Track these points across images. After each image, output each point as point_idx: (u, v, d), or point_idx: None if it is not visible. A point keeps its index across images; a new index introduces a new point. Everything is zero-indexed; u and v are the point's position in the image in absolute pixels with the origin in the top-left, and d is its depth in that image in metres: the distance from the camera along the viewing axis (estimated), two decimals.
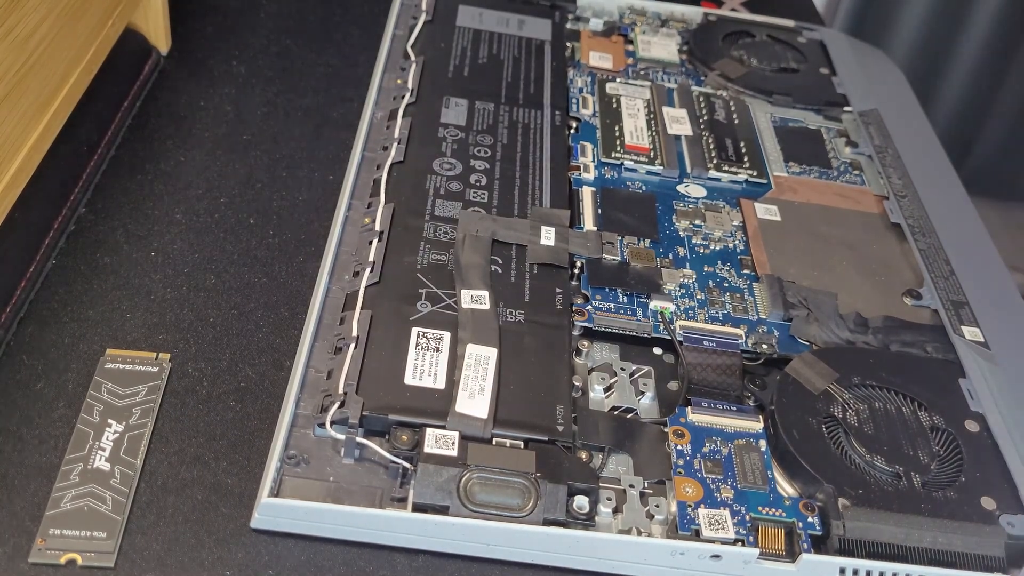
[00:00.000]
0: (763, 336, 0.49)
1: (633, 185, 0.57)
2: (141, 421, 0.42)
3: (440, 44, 0.65)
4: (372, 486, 0.40)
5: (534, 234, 0.51)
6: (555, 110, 0.61)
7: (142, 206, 0.53)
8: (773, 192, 0.59)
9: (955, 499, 0.42)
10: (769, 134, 0.63)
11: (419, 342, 0.44)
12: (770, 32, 0.72)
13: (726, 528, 0.40)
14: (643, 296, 0.50)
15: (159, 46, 0.63)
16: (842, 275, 0.53)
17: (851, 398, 0.45)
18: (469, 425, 0.41)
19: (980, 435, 0.45)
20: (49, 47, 0.48)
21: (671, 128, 0.62)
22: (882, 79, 0.71)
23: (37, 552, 0.37)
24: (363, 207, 0.52)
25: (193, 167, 0.56)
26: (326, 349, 0.45)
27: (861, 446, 0.43)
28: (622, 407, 0.45)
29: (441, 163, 0.55)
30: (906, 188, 0.59)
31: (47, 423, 0.42)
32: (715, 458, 0.42)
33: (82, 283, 0.48)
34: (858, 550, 0.40)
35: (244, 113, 0.61)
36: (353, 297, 0.46)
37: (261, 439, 0.43)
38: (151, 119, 0.59)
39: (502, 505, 0.39)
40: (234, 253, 0.51)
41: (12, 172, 0.45)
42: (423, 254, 0.49)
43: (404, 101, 0.58)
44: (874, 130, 0.64)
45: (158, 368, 0.44)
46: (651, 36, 0.71)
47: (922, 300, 0.52)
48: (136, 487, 0.40)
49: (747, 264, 0.53)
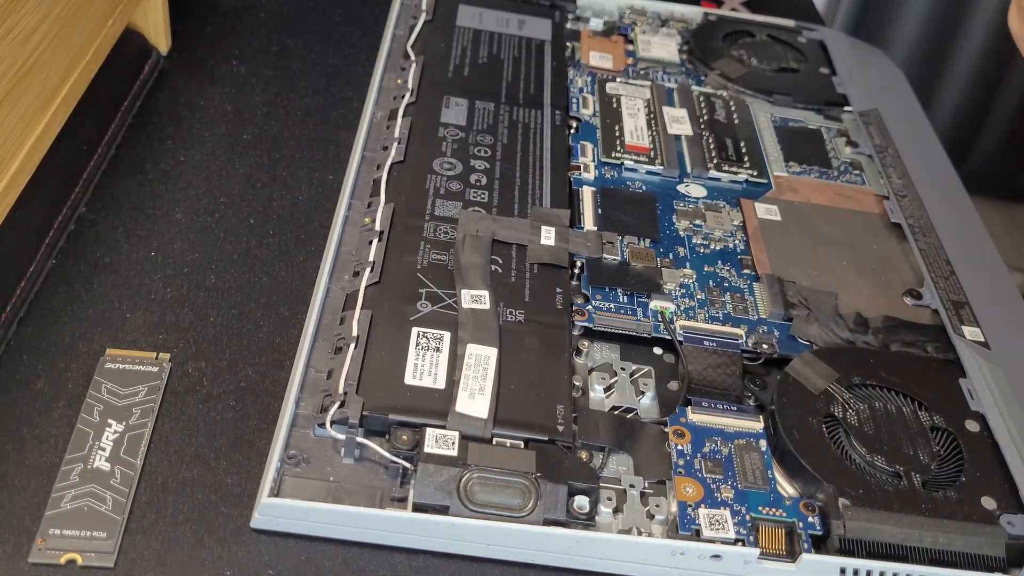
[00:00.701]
0: (763, 336, 0.49)
1: (633, 185, 0.57)
2: (141, 421, 0.42)
3: (440, 44, 0.65)
4: (372, 486, 0.40)
5: (534, 234, 0.51)
6: (555, 110, 0.61)
7: (142, 206, 0.53)
8: (773, 192, 0.59)
9: (955, 499, 0.42)
10: (769, 134, 0.63)
11: (419, 342, 0.44)
12: (770, 32, 0.72)
13: (726, 528, 0.40)
14: (643, 296, 0.50)
15: (159, 46, 0.63)
16: (842, 275, 0.53)
17: (851, 398, 0.45)
18: (469, 425, 0.41)
19: (980, 435, 0.45)
20: (49, 47, 0.48)
21: (671, 128, 0.62)
22: (882, 79, 0.71)
23: (37, 552, 0.37)
24: (363, 207, 0.52)
25: (193, 167, 0.56)
26: (326, 349, 0.45)
27: (861, 446, 0.43)
28: (622, 407, 0.45)
29: (441, 163, 0.55)
30: (906, 188, 0.59)
31: (47, 423, 0.42)
32: (715, 458, 0.42)
33: (82, 283, 0.48)
34: (858, 550, 0.40)
35: (244, 113, 0.61)
36: (353, 297, 0.46)
37: (261, 439, 0.43)
38: (151, 119, 0.59)
39: (502, 505, 0.39)
40: (234, 253, 0.51)
41: (12, 172, 0.45)
42: (423, 254, 0.49)
43: (404, 101, 0.58)
44: (874, 130, 0.64)
45: (158, 368, 0.44)
46: (651, 36, 0.71)
47: (922, 300, 0.52)
48: (136, 487, 0.40)
49: (747, 264, 0.53)
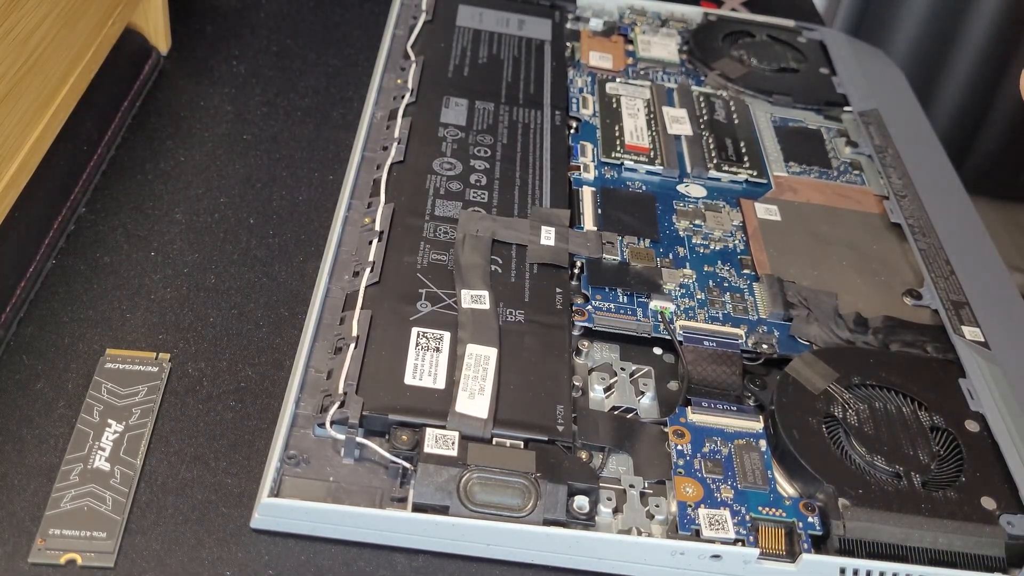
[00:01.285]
0: (763, 336, 0.49)
1: (633, 185, 0.57)
2: (141, 421, 0.42)
3: (440, 44, 0.65)
4: (372, 486, 0.40)
5: (534, 234, 0.51)
6: (555, 110, 0.61)
7: (142, 206, 0.53)
8: (773, 192, 0.59)
9: (955, 499, 0.42)
10: (769, 134, 0.63)
11: (419, 342, 0.44)
12: (770, 32, 0.72)
13: (726, 528, 0.40)
14: (643, 296, 0.50)
15: (159, 46, 0.63)
16: (842, 275, 0.53)
17: (851, 398, 0.45)
18: (469, 425, 0.41)
19: (980, 435, 0.45)
20: (49, 47, 0.48)
21: (671, 128, 0.62)
22: (882, 79, 0.71)
23: (37, 552, 0.37)
24: (363, 207, 0.52)
25: (193, 167, 0.56)
26: (326, 349, 0.45)
27: (861, 446, 0.43)
28: (622, 407, 0.45)
29: (441, 163, 0.55)
30: (906, 188, 0.59)
31: (47, 423, 0.42)
32: (715, 458, 0.42)
33: (82, 283, 0.48)
34: (858, 550, 0.40)
35: (244, 113, 0.61)
36: (353, 297, 0.46)
37: (261, 439, 0.43)
38: (151, 119, 0.59)
39: (502, 505, 0.39)
40: (234, 253, 0.51)
41: (12, 172, 0.45)
42: (423, 254, 0.49)
43: (404, 101, 0.58)
44: (874, 130, 0.64)
45: (158, 368, 0.44)
46: (651, 36, 0.71)
47: (922, 300, 0.52)
48: (136, 487, 0.40)
49: (747, 264, 0.53)
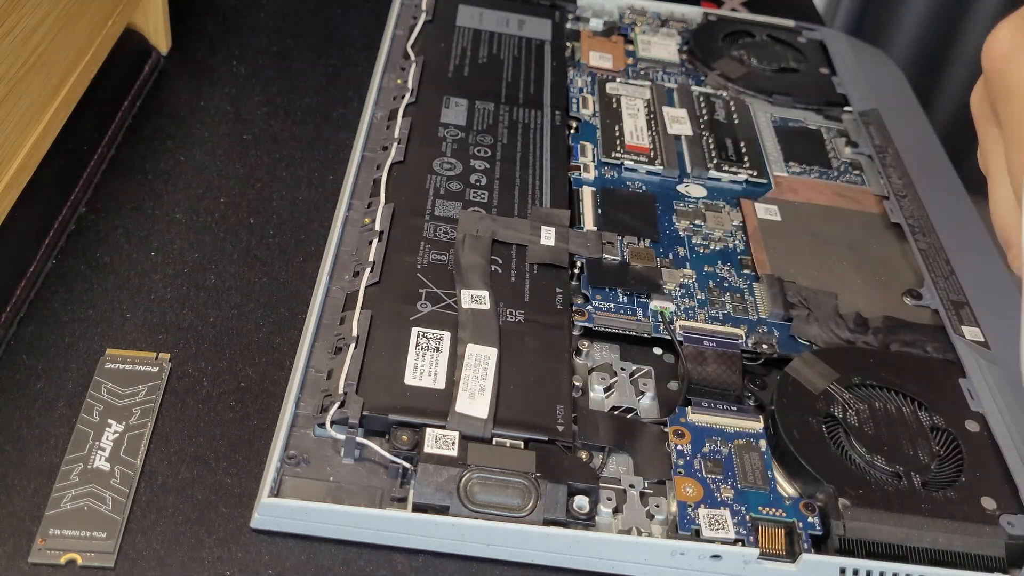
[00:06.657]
0: (763, 336, 0.49)
1: (633, 185, 0.57)
2: (141, 421, 0.42)
3: (440, 44, 0.65)
4: (372, 486, 0.40)
5: (534, 234, 0.51)
6: (555, 110, 0.61)
7: (142, 206, 0.53)
8: (773, 192, 0.59)
9: (955, 499, 0.42)
10: (769, 134, 0.63)
11: (419, 342, 0.44)
12: (770, 32, 0.72)
13: (726, 528, 0.40)
14: (643, 296, 0.50)
15: (159, 46, 0.63)
16: (842, 275, 0.53)
17: (851, 398, 0.45)
18: (469, 425, 0.41)
19: (980, 435, 0.45)
20: (49, 47, 0.48)
21: (671, 128, 0.62)
22: (882, 79, 0.71)
23: (37, 552, 0.37)
24: (363, 207, 0.52)
25: (193, 167, 0.56)
26: (326, 349, 0.45)
27: (861, 446, 0.43)
28: (622, 407, 0.45)
29: (441, 163, 0.55)
30: (906, 188, 0.59)
31: (47, 423, 0.42)
32: (715, 458, 0.42)
33: (82, 283, 0.48)
34: (858, 550, 0.40)
35: (244, 113, 0.61)
36: (353, 297, 0.46)
37: (261, 439, 0.43)
38: (151, 119, 0.59)
39: (502, 505, 0.39)
40: (234, 253, 0.51)
41: (12, 171, 0.45)
42: (423, 254, 0.49)
43: (404, 101, 0.58)
44: (874, 130, 0.64)
45: (158, 368, 0.44)
46: (651, 36, 0.71)
47: (922, 300, 0.52)
48: (136, 487, 0.40)
49: (747, 264, 0.53)
